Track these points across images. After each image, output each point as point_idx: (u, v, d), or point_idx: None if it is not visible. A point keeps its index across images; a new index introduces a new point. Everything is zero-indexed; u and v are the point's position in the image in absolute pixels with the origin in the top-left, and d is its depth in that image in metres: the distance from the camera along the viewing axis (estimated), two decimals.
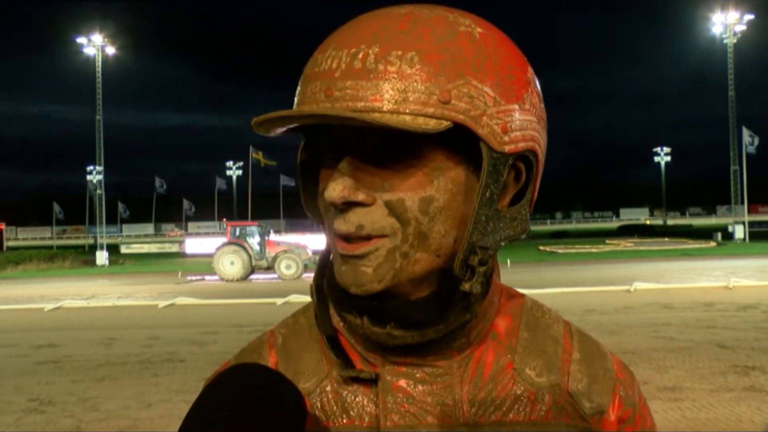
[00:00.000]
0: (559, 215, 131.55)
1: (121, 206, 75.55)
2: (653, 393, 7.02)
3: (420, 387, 0.75)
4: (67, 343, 11.21)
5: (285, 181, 66.54)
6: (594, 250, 36.73)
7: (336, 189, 0.69)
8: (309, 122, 0.71)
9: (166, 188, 74.43)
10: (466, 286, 0.72)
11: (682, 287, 16.92)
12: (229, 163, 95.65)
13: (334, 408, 0.76)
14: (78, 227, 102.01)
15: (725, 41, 53.94)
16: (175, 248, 48.55)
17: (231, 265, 25.16)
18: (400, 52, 0.68)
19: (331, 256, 0.78)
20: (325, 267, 0.82)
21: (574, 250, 36.72)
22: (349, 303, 0.75)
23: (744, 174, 43.32)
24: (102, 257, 37.61)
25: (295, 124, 0.72)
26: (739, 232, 41.97)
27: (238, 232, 26.62)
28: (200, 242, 47.11)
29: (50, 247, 49.57)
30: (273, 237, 27.69)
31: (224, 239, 27.50)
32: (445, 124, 0.68)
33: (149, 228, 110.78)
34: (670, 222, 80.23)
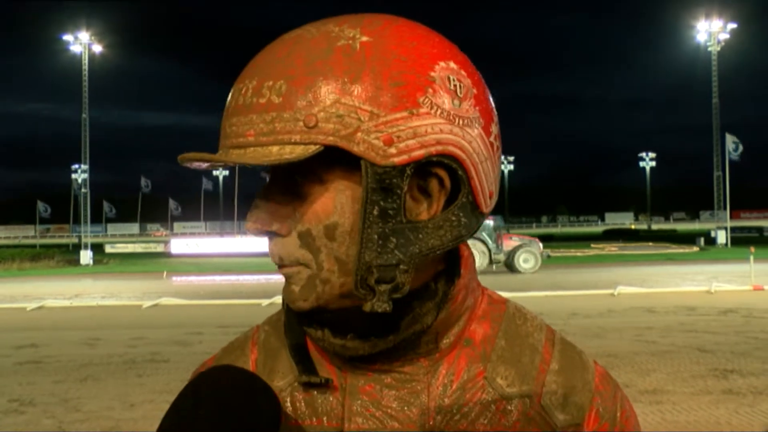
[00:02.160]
0: (544, 219, 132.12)
1: (106, 205, 75.07)
2: (635, 396, 7.07)
3: (387, 392, 0.75)
4: (49, 343, 11.12)
5: None
6: (579, 254, 36.89)
7: (250, 221, 0.73)
8: (200, 163, 0.74)
9: (152, 188, 74.00)
10: (367, 306, 0.70)
11: (665, 291, 17.04)
12: None
13: (304, 408, 0.77)
14: (62, 226, 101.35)
15: (709, 49, 54.40)
16: (160, 248, 48.25)
17: None
18: (271, 83, 0.69)
19: None
20: None
21: (559, 254, 36.84)
22: (311, 316, 0.76)
23: (727, 180, 43.67)
24: (86, 257, 37.33)
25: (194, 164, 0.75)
26: (722, 237, 42.30)
27: None
28: (185, 242, 46.91)
29: (33, 246, 49.13)
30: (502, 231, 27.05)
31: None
32: (313, 149, 0.67)
33: (134, 228, 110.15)
34: (655, 227, 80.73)
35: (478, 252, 24.87)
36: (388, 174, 0.68)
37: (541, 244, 26.30)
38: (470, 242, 0.79)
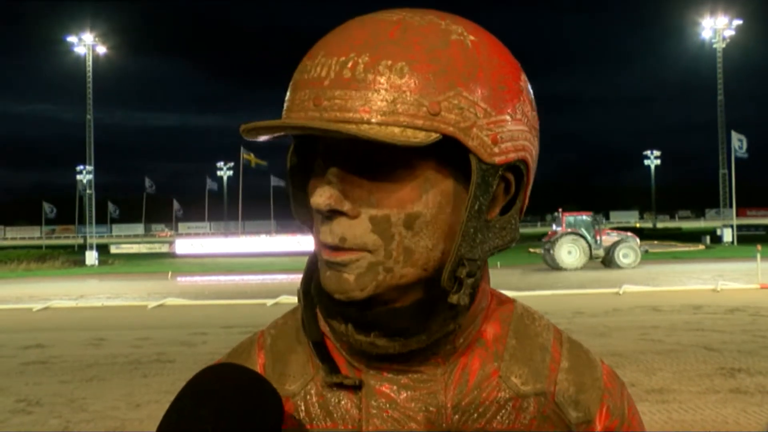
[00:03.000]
0: (549, 218, 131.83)
1: (111, 206, 75.30)
2: (641, 395, 7.05)
3: (404, 393, 0.75)
4: (55, 344, 11.16)
5: (275, 182, 66.55)
6: None
7: (323, 196, 0.69)
8: (297, 132, 0.70)
9: (157, 188, 74.19)
10: (453, 298, 0.71)
11: (671, 290, 17.02)
12: (220, 164, 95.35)
13: (318, 411, 0.76)
14: (67, 227, 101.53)
15: (714, 46, 54.24)
16: (165, 249, 48.39)
17: (568, 254, 25.17)
18: (390, 62, 0.67)
19: (319, 263, 0.77)
20: (312, 272, 0.81)
21: None
22: (334, 310, 0.74)
23: (732, 178, 43.58)
24: (91, 257, 37.48)
25: (280, 133, 0.72)
26: (728, 235, 42.25)
27: (573, 222, 26.45)
28: (190, 243, 46.98)
29: (39, 247, 49.28)
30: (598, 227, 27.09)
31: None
32: (434, 137, 0.67)
33: (139, 228, 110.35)
34: (660, 225, 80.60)
35: (578, 248, 24.96)
36: (488, 172, 0.71)
37: (638, 239, 26.33)
38: (571, 237, 0.81)
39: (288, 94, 0.73)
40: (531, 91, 0.77)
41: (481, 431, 0.74)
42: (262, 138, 0.71)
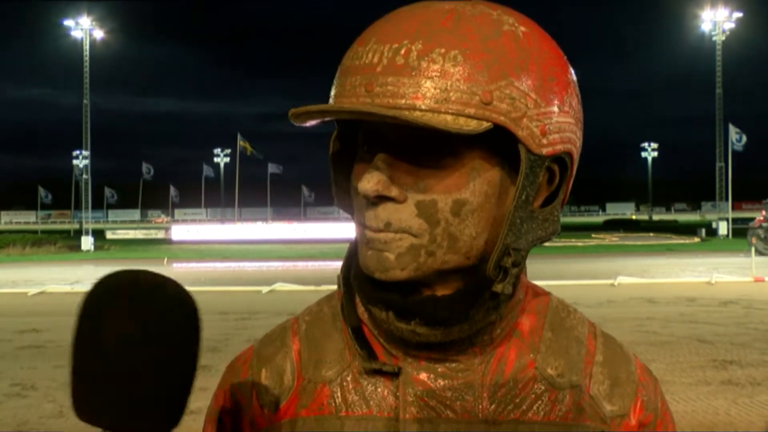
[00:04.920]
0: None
1: (107, 192, 75.08)
2: None
3: (441, 381, 0.75)
4: (50, 328, 11.16)
5: (272, 169, 66.38)
6: (579, 244, 36.90)
7: (371, 182, 0.69)
8: (348, 117, 0.70)
9: (154, 174, 74.01)
10: (498, 288, 0.72)
11: (666, 282, 17.05)
12: (217, 151, 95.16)
13: (355, 397, 0.76)
14: (63, 212, 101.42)
15: (714, 39, 54.14)
16: (161, 235, 48.33)
17: None
18: (443, 50, 0.68)
19: (358, 247, 0.77)
20: (352, 258, 0.81)
21: (560, 244, 36.86)
22: (376, 296, 0.75)
23: (729, 171, 43.63)
24: (87, 242, 37.38)
25: (332, 117, 0.72)
26: (723, 228, 42.28)
27: None
28: (186, 229, 46.95)
29: (35, 232, 49.21)
30: None
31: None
32: (485, 125, 0.67)
33: (136, 214, 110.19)
34: (656, 217, 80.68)
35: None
36: (536, 162, 0.71)
37: None
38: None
39: (337, 79, 0.74)
40: (577, 84, 0.78)
41: (517, 422, 0.75)
42: (310, 123, 0.72)
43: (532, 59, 0.71)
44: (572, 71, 0.77)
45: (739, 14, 54.31)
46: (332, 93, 0.73)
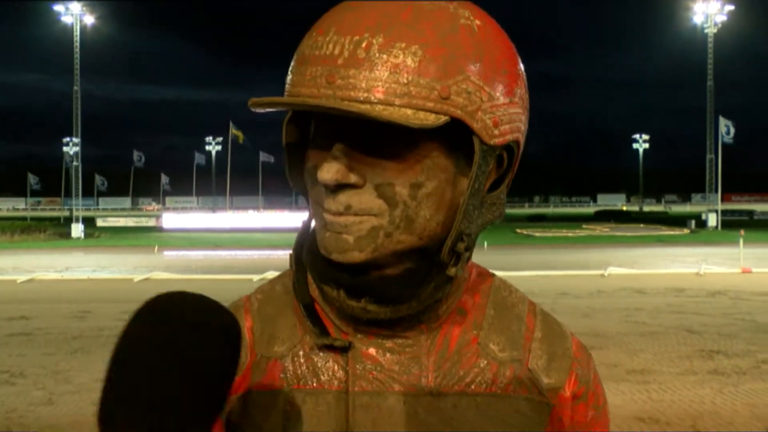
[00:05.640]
0: (537, 199, 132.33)
1: (98, 179, 74.69)
2: (622, 375, 7.16)
3: (388, 356, 0.78)
4: (39, 316, 11.14)
5: (264, 157, 66.16)
6: (570, 235, 37.00)
7: (330, 171, 0.71)
8: (311, 110, 0.72)
9: (145, 162, 73.63)
10: (452, 271, 0.76)
11: (655, 273, 17.15)
12: (209, 139, 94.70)
13: (306, 372, 0.79)
14: (53, 199, 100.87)
15: (706, 31, 54.21)
16: (152, 222, 48.16)
17: None
18: (404, 44, 0.69)
19: (315, 227, 0.80)
20: (304, 238, 0.84)
21: (550, 234, 36.97)
22: (328, 275, 0.78)
23: (719, 163, 43.81)
24: (77, 230, 37.22)
25: (297, 109, 0.74)
26: (712, 220, 42.46)
27: None
28: (177, 217, 46.83)
29: (24, 219, 48.96)
30: None
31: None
32: (443, 119, 0.70)
33: (126, 202, 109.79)
34: (646, 208, 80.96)
35: None
36: (488, 152, 0.75)
37: None
38: None
39: (295, 67, 0.74)
40: (525, 74, 0.81)
41: (460, 394, 0.78)
42: (268, 110, 0.74)
43: (487, 53, 0.74)
44: (521, 62, 0.80)
45: (730, 7, 54.36)
46: (290, 80, 0.74)
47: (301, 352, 0.80)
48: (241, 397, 0.80)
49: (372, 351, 0.79)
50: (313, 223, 0.82)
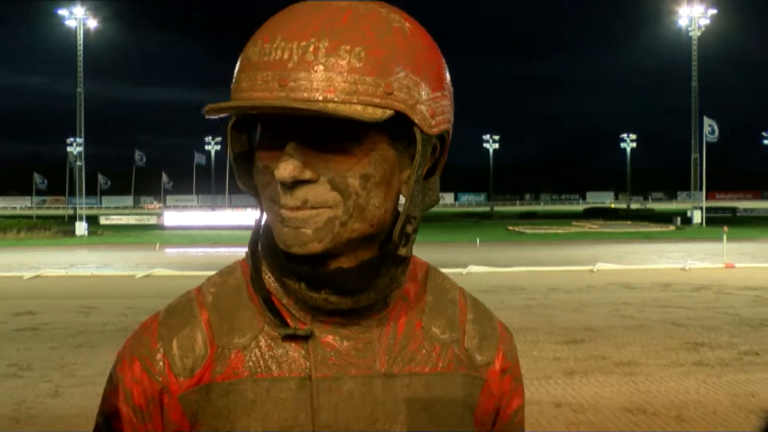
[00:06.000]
0: (528, 197, 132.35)
1: (101, 178, 74.52)
2: (610, 368, 7.18)
3: (345, 343, 0.82)
4: (45, 311, 11.13)
5: None
6: (560, 232, 37.09)
7: (287, 169, 0.74)
8: (270, 111, 0.74)
9: (147, 161, 73.50)
10: (402, 251, 0.81)
11: (642, 268, 17.21)
12: (208, 139, 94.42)
13: (269, 361, 0.81)
14: (58, 198, 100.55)
15: (690, 34, 54.29)
16: (153, 220, 48.06)
17: None
18: (348, 47, 0.74)
19: (269, 224, 0.83)
20: (258, 234, 0.87)
21: (541, 231, 37.03)
22: (288, 269, 0.81)
23: (704, 162, 43.92)
24: (81, 228, 37.17)
25: (256, 112, 0.76)
26: (697, 217, 42.65)
27: None
28: (178, 215, 46.75)
29: (30, 217, 48.79)
30: None
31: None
32: (389, 113, 0.74)
33: (128, 200, 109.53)
34: (634, 206, 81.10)
35: None
36: (427, 141, 0.80)
37: None
38: None
39: (243, 72, 0.78)
40: (447, 68, 0.86)
41: (410, 374, 0.84)
42: (219, 116, 0.77)
43: (420, 51, 0.79)
44: (444, 60, 0.85)
45: (713, 11, 54.48)
46: (240, 86, 0.77)
47: (262, 343, 0.82)
48: (204, 387, 0.81)
49: (329, 338, 0.82)
50: (264, 221, 0.86)
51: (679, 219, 42.85)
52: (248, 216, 45.44)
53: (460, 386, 0.87)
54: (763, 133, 78.75)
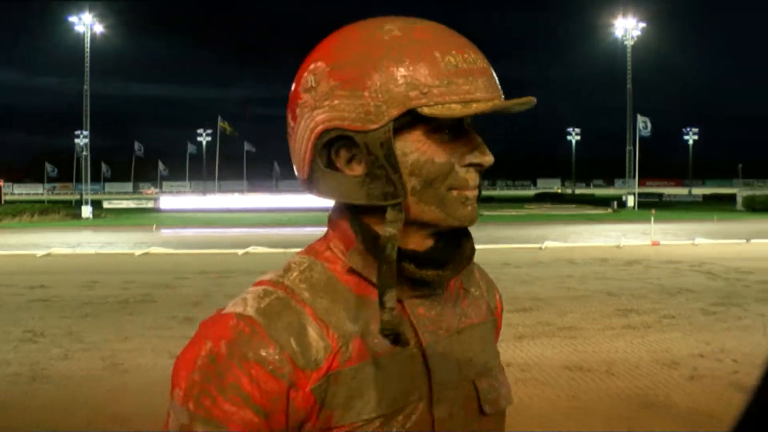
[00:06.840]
0: (486, 183, 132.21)
1: (104, 167, 73.21)
2: (554, 332, 7.31)
3: (432, 311, 0.85)
4: (55, 285, 10.99)
5: (248, 147, 65.74)
6: (513, 213, 37.33)
7: (488, 154, 0.82)
8: (518, 111, 0.80)
9: (145, 151, 72.36)
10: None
11: (584, 246, 17.40)
12: (200, 131, 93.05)
13: (383, 340, 0.78)
14: (66, 184, 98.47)
15: (625, 43, 54.72)
16: (151, 204, 47.43)
17: None
18: (482, 56, 0.81)
19: (447, 205, 0.81)
20: (373, 234, 0.81)
21: (496, 213, 37.28)
22: (423, 255, 0.82)
23: (637, 153, 44.51)
24: (87, 211, 36.59)
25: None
26: (630, 201, 43.21)
27: None
28: (173, 199, 46.29)
29: (42, 202, 47.83)
30: None
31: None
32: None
33: (128, 186, 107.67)
34: (578, 191, 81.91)
35: None
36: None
37: None
38: None
39: (461, 77, 0.77)
40: None
41: (471, 326, 0.91)
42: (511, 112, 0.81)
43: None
44: None
45: (643, 24, 54.98)
46: (464, 89, 0.77)
47: (371, 326, 0.79)
48: (334, 374, 0.77)
49: (421, 310, 0.84)
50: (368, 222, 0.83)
51: (615, 203, 43.39)
52: (235, 200, 45.10)
53: (490, 329, 0.96)
54: (684, 129, 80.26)
